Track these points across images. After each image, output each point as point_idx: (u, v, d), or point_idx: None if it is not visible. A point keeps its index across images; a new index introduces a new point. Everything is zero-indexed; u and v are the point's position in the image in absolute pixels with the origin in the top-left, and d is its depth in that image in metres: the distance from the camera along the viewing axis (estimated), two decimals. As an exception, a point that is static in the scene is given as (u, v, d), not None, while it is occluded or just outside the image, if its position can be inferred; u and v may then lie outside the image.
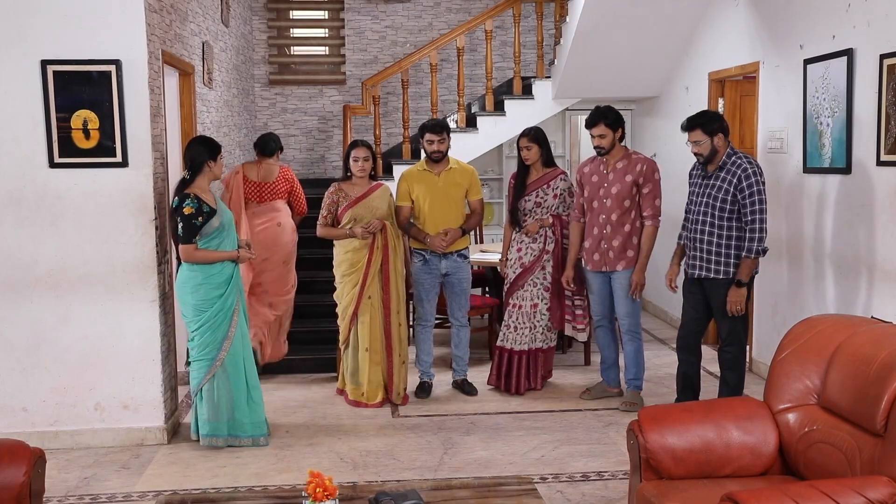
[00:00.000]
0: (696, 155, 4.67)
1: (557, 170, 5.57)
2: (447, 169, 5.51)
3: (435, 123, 5.52)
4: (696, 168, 4.83)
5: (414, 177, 5.52)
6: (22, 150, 4.52)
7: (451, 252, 5.50)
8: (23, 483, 2.93)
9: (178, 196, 4.52)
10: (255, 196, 5.78)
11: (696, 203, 4.74)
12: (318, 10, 9.06)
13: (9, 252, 4.56)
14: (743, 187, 4.52)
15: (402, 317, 5.45)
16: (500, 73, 8.86)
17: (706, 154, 4.60)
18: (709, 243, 4.65)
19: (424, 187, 5.48)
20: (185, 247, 4.48)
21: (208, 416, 4.63)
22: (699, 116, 4.68)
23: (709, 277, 4.68)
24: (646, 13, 6.73)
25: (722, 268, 4.63)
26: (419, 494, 2.88)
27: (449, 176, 5.50)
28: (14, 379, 4.63)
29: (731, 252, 4.61)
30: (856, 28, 4.71)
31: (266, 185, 5.82)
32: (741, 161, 4.55)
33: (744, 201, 4.52)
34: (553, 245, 5.51)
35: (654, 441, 3.09)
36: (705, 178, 4.69)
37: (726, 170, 4.57)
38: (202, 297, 4.53)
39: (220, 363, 4.59)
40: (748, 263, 4.57)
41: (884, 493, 2.50)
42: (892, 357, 2.76)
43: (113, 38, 4.50)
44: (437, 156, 5.44)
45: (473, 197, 5.58)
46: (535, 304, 5.53)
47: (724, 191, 4.56)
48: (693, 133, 4.60)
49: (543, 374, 5.71)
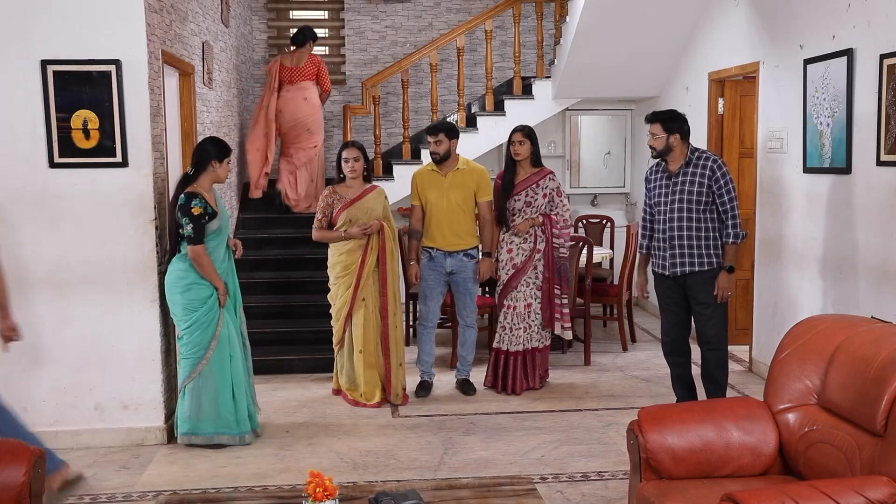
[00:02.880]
0: (651, 147, 4.80)
1: (545, 169, 5.57)
2: (455, 170, 5.49)
3: (433, 125, 5.53)
4: (654, 171, 4.89)
5: (423, 177, 5.55)
6: (22, 150, 4.52)
7: (458, 250, 5.50)
8: (23, 483, 2.94)
9: (184, 194, 4.50)
10: (288, 79, 7.36)
11: (664, 203, 4.78)
12: (318, 10, 9.05)
13: (9, 252, 4.56)
14: (717, 177, 4.66)
15: (398, 319, 5.45)
16: (500, 73, 8.86)
17: (659, 149, 4.73)
18: (689, 238, 4.71)
19: (431, 188, 5.49)
20: (195, 247, 4.47)
21: (189, 414, 4.60)
22: (664, 113, 4.81)
23: (693, 272, 4.72)
24: (646, 13, 6.73)
25: (706, 259, 4.71)
26: (419, 494, 2.88)
27: (456, 177, 5.49)
28: (14, 379, 4.62)
29: (710, 243, 4.71)
30: (856, 28, 4.71)
31: (296, 69, 7.37)
32: (709, 155, 4.74)
33: (720, 191, 4.66)
34: (544, 244, 5.51)
35: (654, 441, 3.09)
36: (671, 178, 4.76)
37: (694, 164, 4.70)
38: (193, 297, 4.53)
39: (205, 362, 4.57)
40: (733, 249, 4.73)
41: (884, 493, 2.50)
42: (892, 357, 2.76)
43: (113, 38, 4.50)
44: (435, 157, 5.45)
45: (482, 198, 5.53)
46: (529, 304, 5.53)
47: (697, 184, 4.68)
48: (653, 126, 4.73)
49: (541, 374, 5.71)
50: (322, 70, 7.49)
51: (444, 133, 5.41)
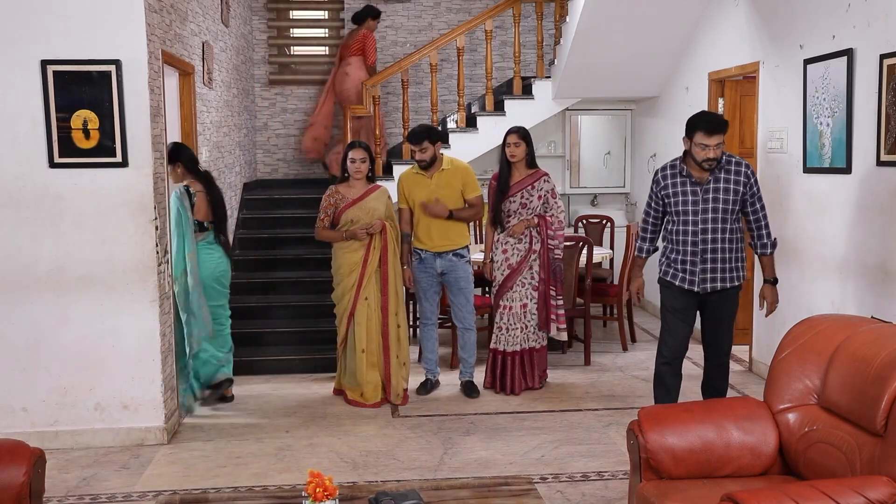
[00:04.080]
0: (709, 161, 4.17)
1: (540, 171, 5.56)
2: (440, 170, 5.46)
3: (413, 133, 5.44)
4: (672, 175, 4.34)
5: (409, 180, 5.54)
6: (22, 150, 4.52)
7: (447, 251, 5.49)
8: (23, 483, 2.94)
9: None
10: (339, 55, 8.27)
11: (692, 213, 4.27)
12: (318, 10, 9.05)
13: (9, 252, 4.56)
14: (752, 183, 4.28)
15: (401, 318, 5.45)
16: (500, 73, 8.86)
17: (718, 159, 4.20)
18: (722, 251, 4.28)
19: (418, 190, 5.48)
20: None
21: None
22: (723, 119, 4.27)
23: (725, 288, 4.33)
24: (646, 13, 6.73)
25: (737, 273, 4.35)
26: (419, 494, 2.88)
27: (442, 177, 5.46)
28: (14, 379, 4.63)
29: (740, 255, 4.36)
30: (856, 28, 4.71)
31: (345, 45, 8.21)
32: (739, 160, 4.33)
33: (752, 199, 4.30)
34: (539, 245, 5.51)
35: (654, 441, 3.09)
36: (697, 184, 4.26)
37: (726, 170, 4.25)
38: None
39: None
40: (772, 259, 4.41)
41: (884, 493, 2.50)
42: (892, 357, 2.76)
43: (113, 38, 4.50)
44: (422, 164, 5.44)
45: (469, 195, 5.53)
46: (525, 305, 5.53)
47: (732, 192, 4.24)
48: (718, 136, 4.14)
49: (540, 374, 5.70)
50: (367, 44, 8.02)
51: (428, 139, 5.37)
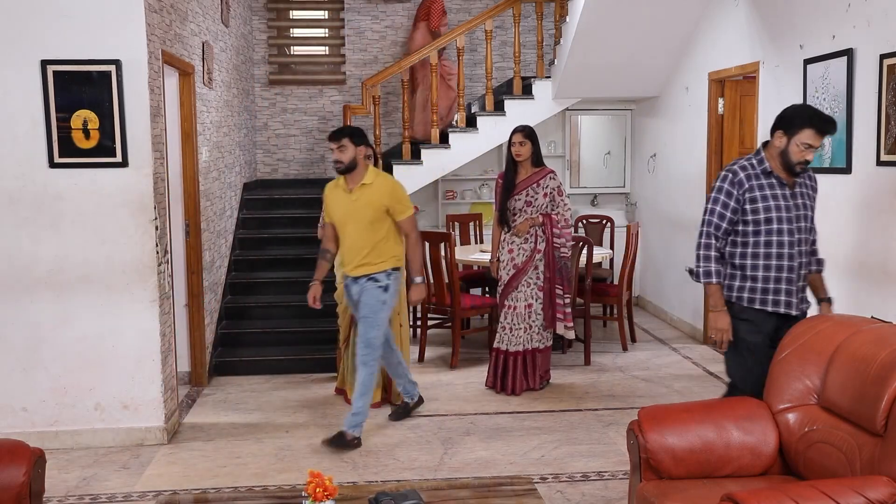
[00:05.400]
0: (805, 164, 3.61)
1: (546, 169, 5.56)
2: (360, 185, 4.66)
3: (337, 129, 4.70)
4: (756, 177, 3.64)
5: (330, 192, 4.82)
6: (22, 150, 4.52)
7: (362, 276, 4.72)
8: (23, 483, 2.94)
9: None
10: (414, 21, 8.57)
11: (787, 220, 3.63)
12: (318, 10, 9.05)
13: (9, 252, 4.57)
14: (816, 188, 3.79)
15: (403, 318, 5.45)
16: (500, 73, 8.86)
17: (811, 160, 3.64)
18: (808, 265, 3.80)
19: (337, 205, 4.75)
20: None
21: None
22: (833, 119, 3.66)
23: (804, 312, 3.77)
24: (646, 13, 6.73)
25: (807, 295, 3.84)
26: (419, 494, 2.88)
27: (363, 193, 4.66)
28: (14, 379, 4.63)
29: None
30: (856, 28, 4.71)
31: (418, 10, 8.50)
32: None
33: (814, 211, 3.78)
34: (544, 244, 5.50)
35: (654, 441, 3.09)
36: (786, 187, 3.65)
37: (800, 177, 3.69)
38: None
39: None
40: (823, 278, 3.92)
41: (884, 493, 2.50)
42: (892, 357, 2.76)
43: (113, 38, 4.50)
44: (338, 166, 4.64)
45: (398, 217, 4.71)
46: (530, 305, 5.53)
47: (810, 198, 3.74)
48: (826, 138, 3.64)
49: (542, 375, 5.70)
50: (433, 8, 8.31)
51: (349, 137, 4.60)
